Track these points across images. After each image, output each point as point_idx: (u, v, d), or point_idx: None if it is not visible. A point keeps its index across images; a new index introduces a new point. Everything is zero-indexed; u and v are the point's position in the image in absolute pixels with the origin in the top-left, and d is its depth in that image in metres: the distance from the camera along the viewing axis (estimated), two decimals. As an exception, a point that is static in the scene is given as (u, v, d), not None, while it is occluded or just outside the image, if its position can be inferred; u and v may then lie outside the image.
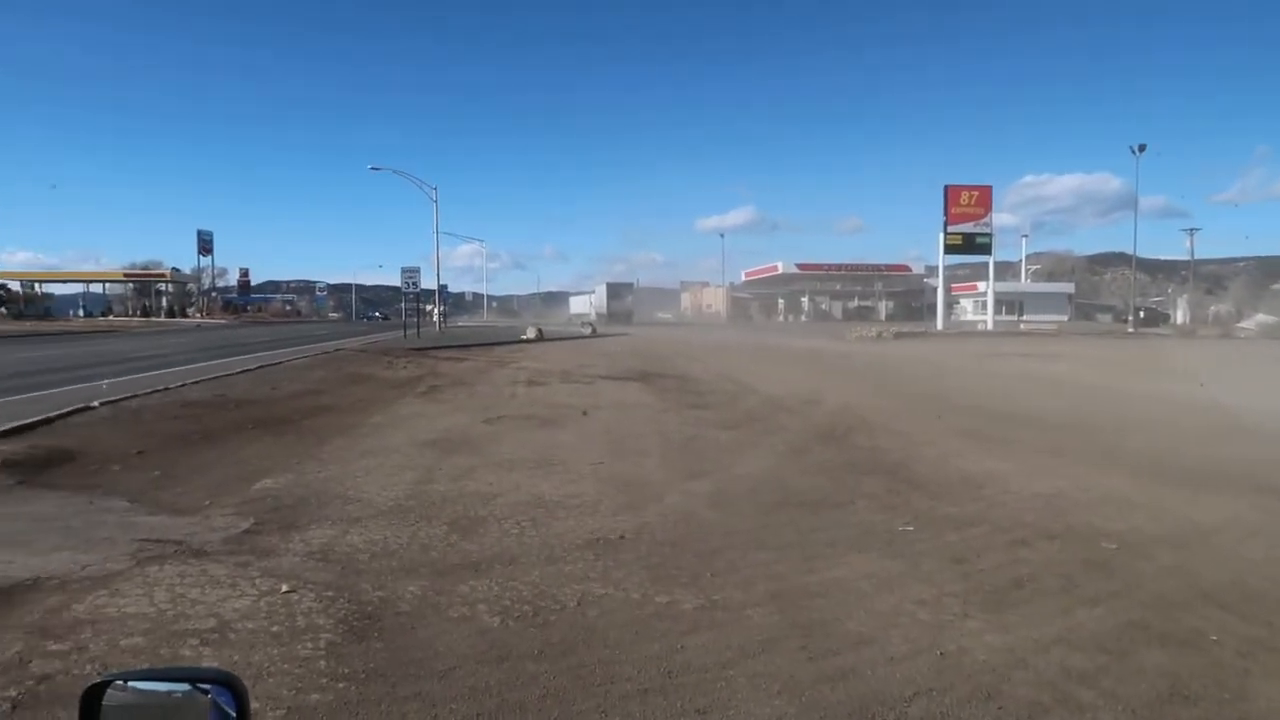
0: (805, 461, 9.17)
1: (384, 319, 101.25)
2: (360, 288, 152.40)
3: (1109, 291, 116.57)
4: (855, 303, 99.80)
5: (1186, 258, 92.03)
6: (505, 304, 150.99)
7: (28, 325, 58.02)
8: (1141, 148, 63.03)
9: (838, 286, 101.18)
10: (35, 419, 10.80)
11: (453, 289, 79.90)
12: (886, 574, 5.29)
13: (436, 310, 57.34)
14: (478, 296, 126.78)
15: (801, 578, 5.19)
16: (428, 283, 48.70)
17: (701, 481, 8.05)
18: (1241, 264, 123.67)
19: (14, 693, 3.41)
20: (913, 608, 4.69)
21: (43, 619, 4.25)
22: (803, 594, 4.90)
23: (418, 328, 41.86)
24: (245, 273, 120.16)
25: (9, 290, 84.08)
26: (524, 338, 39.79)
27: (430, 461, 8.89)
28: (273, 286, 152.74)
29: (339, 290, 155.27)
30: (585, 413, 13.03)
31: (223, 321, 79.15)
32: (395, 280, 43.15)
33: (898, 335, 48.39)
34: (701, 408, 13.95)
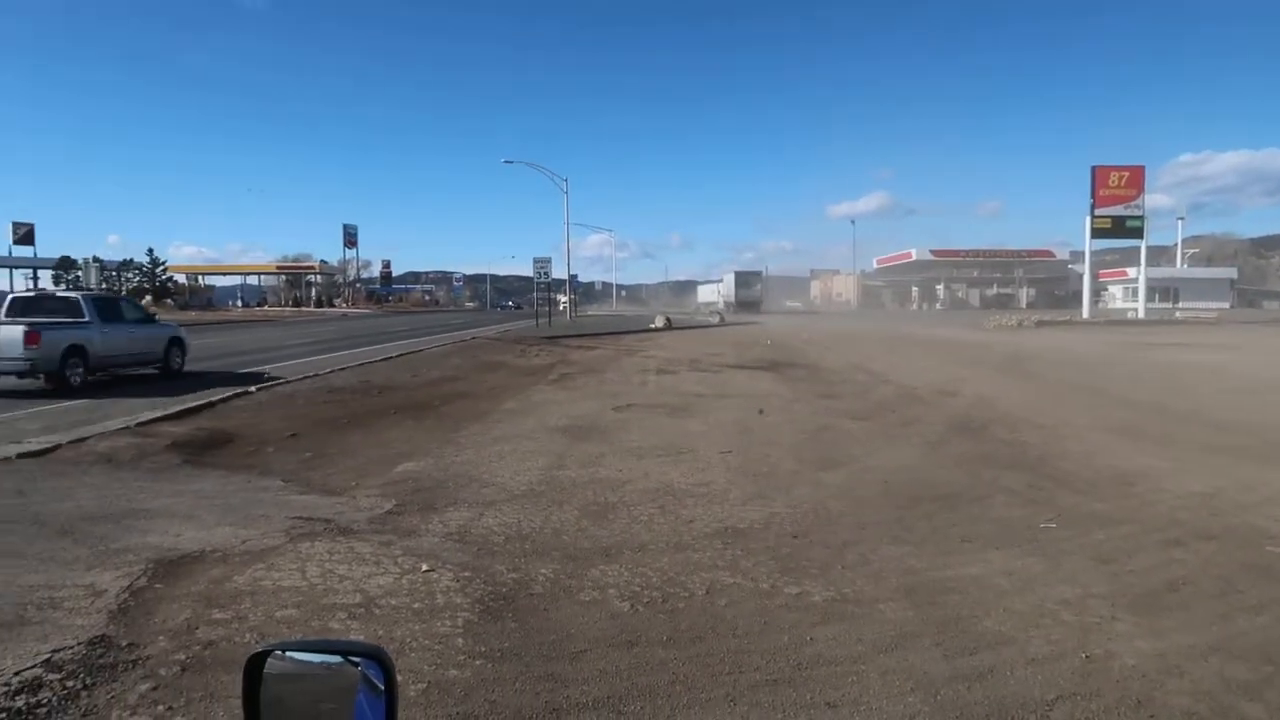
0: (940, 454, 8.90)
1: (517, 308, 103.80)
2: (494, 277, 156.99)
3: (1277, 276, 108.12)
4: (994, 290, 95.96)
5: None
6: (634, 293, 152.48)
7: (192, 315, 62.07)
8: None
9: (975, 273, 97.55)
10: (199, 402, 11.59)
11: (582, 278, 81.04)
12: (1027, 572, 5.08)
13: (567, 299, 58.31)
14: (606, 286, 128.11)
15: (936, 573, 5.05)
16: (558, 272, 49.59)
17: (832, 473, 7.93)
18: None
19: (182, 657, 3.68)
20: (1055, 608, 4.50)
21: (207, 589, 4.56)
22: (937, 589, 4.76)
23: (549, 316, 42.74)
24: (387, 264, 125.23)
25: (176, 283, 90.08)
26: (652, 326, 40.08)
27: (561, 448, 9.07)
28: (413, 277, 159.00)
29: (474, 280, 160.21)
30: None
31: (366, 311, 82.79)
32: (528, 270, 44.13)
33: (1039, 324, 46.27)
34: (832, 398, 13.73)
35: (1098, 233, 58.30)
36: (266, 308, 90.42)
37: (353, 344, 27.30)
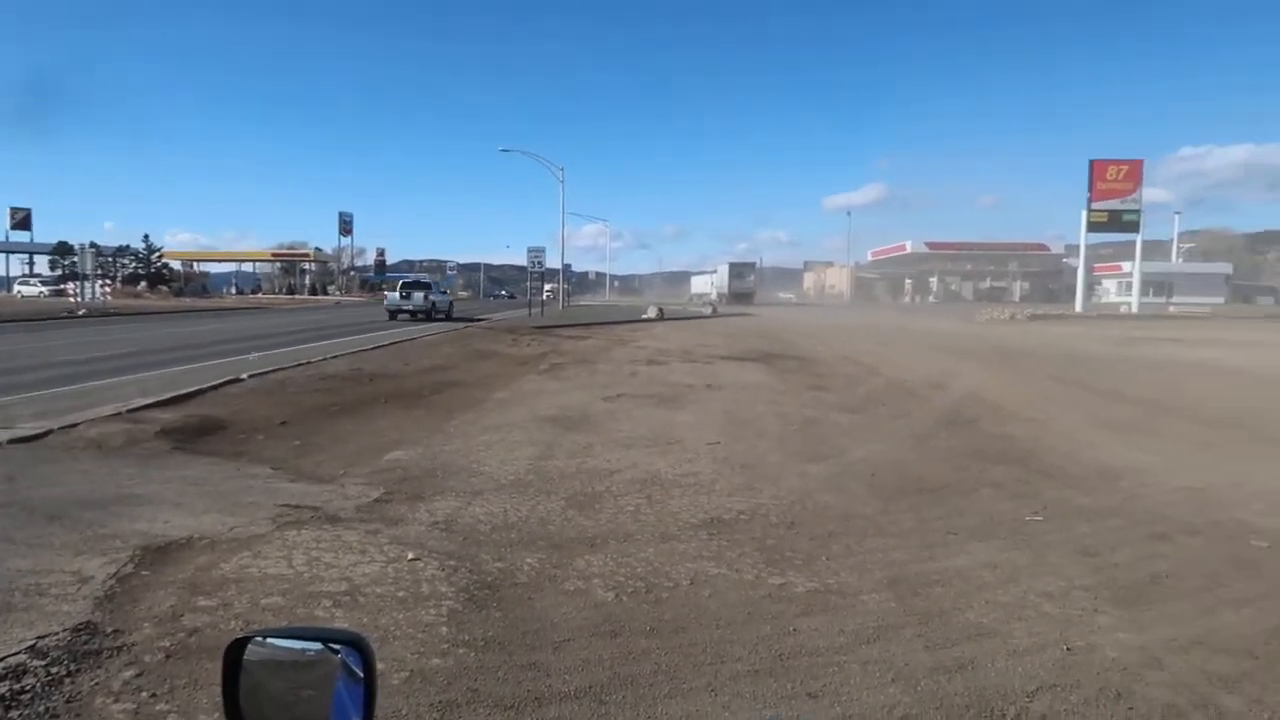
0: (928, 447, 8.93)
1: (510, 297, 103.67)
2: (488, 266, 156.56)
3: (1273, 273, 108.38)
4: (987, 283, 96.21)
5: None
6: (627, 283, 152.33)
7: (187, 302, 61.99)
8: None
9: (969, 266, 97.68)
10: (191, 389, 11.57)
11: (576, 268, 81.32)
12: (1011, 565, 5.11)
13: (560, 288, 58.19)
14: (600, 276, 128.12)
15: (920, 565, 5.07)
16: (553, 262, 49.59)
17: (820, 465, 7.95)
18: None
19: (167, 643, 3.68)
20: (1038, 600, 4.52)
21: (194, 575, 4.56)
22: (921, 582, 4.79)
23: (542, 306, 42.68)
24: (381, 252, 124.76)
25: (171, 269, 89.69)
26: (645, 317, 40.10)
27: (550, 438, 9.07)
28: (407, 265, 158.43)
29: (468, 269, 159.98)
30: (709, 386, 13.02)
31: (361, 299, 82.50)
32: (522, 259, 44.17)
33: (1032, 317, 46.42)
34: (822, 390, 13.75)
35: (1094, 226, 58.46)
36: (261, 295, 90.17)
37: (346, 332, 27.26)
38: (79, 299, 44.67)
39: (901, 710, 3.32)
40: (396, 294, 38.81)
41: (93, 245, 55.37)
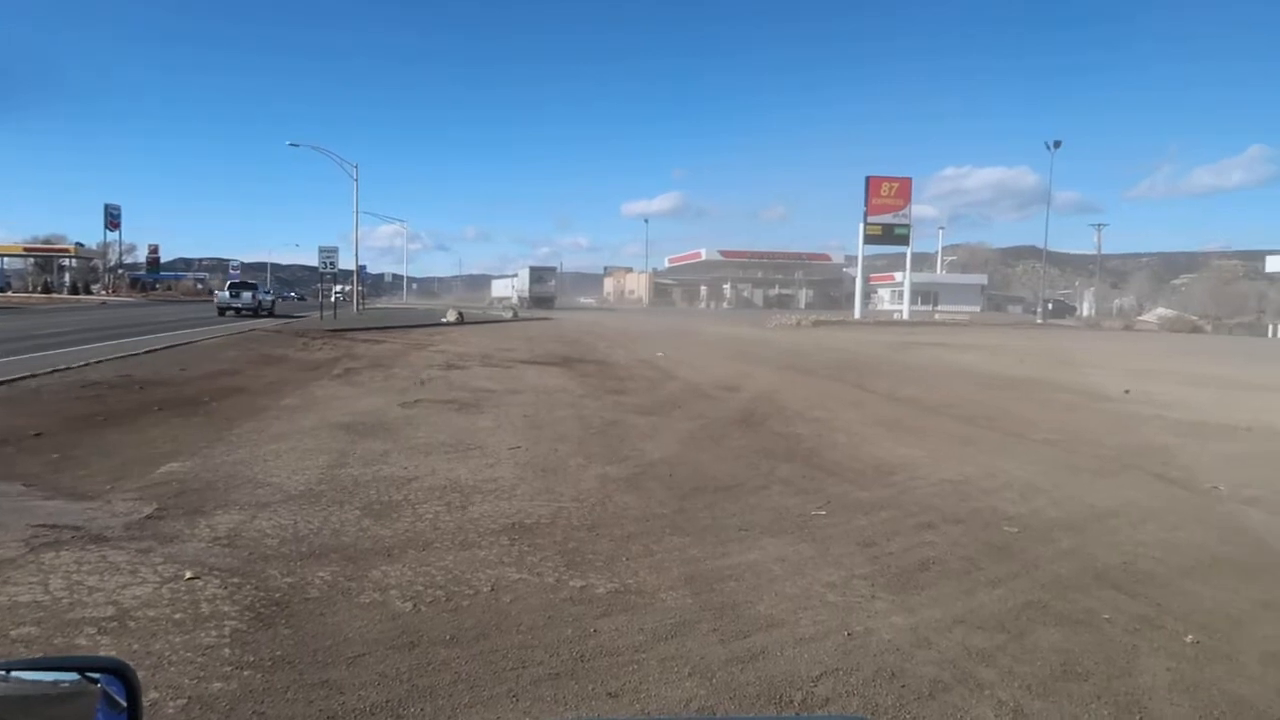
0: (723, 447, 9.27)
1: (300, 299, 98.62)
2: (276, 267, 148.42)
3: (1020, 284, 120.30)
4: (776, 290, 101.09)
5: (1094, 252, 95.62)
6: (426, 286, 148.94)
7: (-86, 300, 54.89)
8: (1056, 144, 65.32)
9: (759, 274, 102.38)
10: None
11: (372, 270, 78.57)
12: (798, 557, 5.39)
13: (354, 290, 55.87)
14: (398, 278, 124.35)
15: (715, 561, 5.26)
16: (346, 263, 47.67)
17: (619, 466, 8.08)
18: (1145, 259, 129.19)
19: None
20: (822, 590, 4.80)
21: (-74, 608, 4.05)
22: (716, 577, 4.96)
23: (334, 309, 40.90)
24: (154, 249, 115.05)
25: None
26: (444, 321, 39.27)
27: (344, 445, 8.72)
28: (183, 264, 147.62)
29: (254, 269, 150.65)
30: (510, 390, 12.93)
31: (130, 299, 75.86)
32: (313, 259, 42.09)
33: (816, 323, 49.19)
34: (621, 393, 13.98)
35: (869, 239, 62.78)
36: (10, 294, 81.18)
37: (113, 335, 24.99)
38: None
39: (698, 702, 3.44)
40: (227, 293, 44.06)
41: None
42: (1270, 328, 56.69)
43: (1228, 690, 3.65)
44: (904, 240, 64.59)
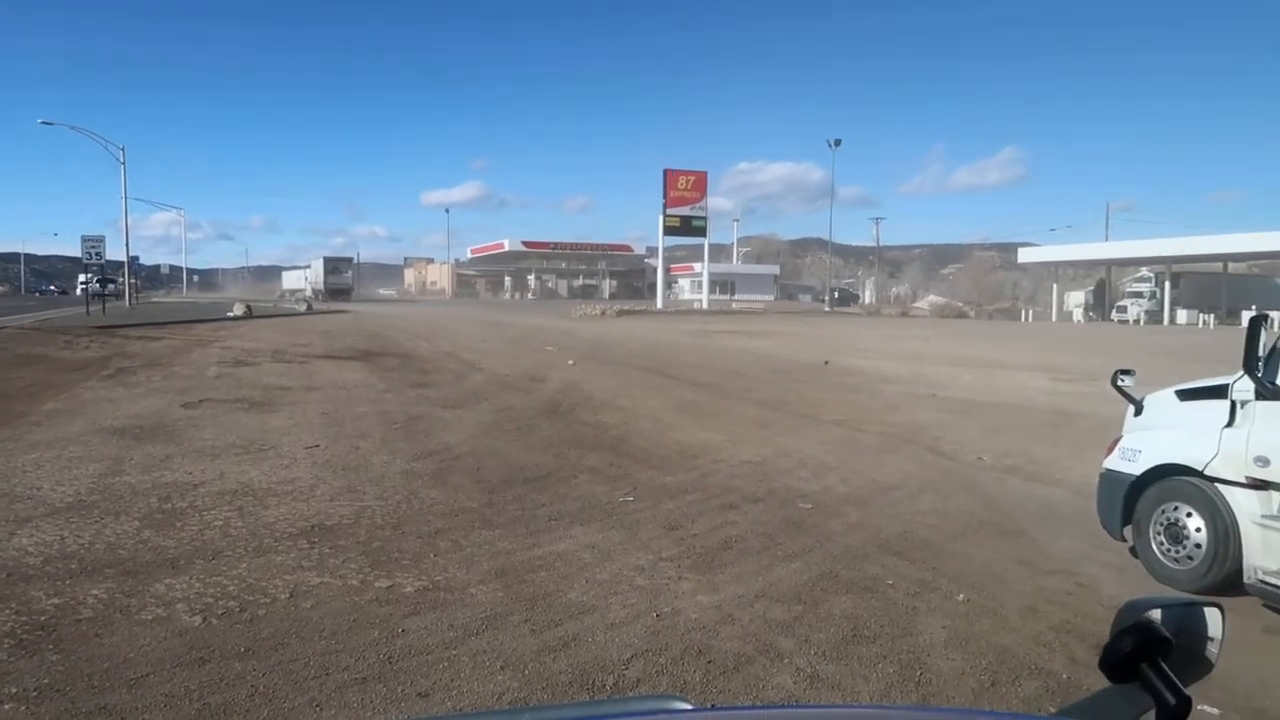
0: (530, 438, 9.25)
1: (62, 293, 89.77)
2: (31, 258, 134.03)
3: (809, 273, 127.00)
4: (580, 281, 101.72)
5: (874, 244, 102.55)
6: (208, 278, 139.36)
7: None
8: (837, 142, 69.15)
9: (564, 265, 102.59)
10: None
11: (146, 261, 72.58)
12: (607, 544, 5.47)
13: (126, 282, 51.35)
14: (176, 269, 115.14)
15: (525, 553, 5.25)
16: (115, 253, 43.85)
17: (425, 462, 7.89)
18: (918, 250, 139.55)
19: None
20: (631, 574, 4.90)
21: None
22: (526, 569, 4.96)
23: (103, 303, 37.50)
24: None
25: None
26: (230, 315, 36.90)
27: (118, 451, 8.04)
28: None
29: (6, 260, 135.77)
30: (306, 387, 12.32)
31: None
32: (75, 250, 38.46)
33: (620, 313, 49.92)
34: (425, 386, 13.67)
35: (669, 230, 64.30)
36: None
37: None
38: None
39: (511, 695, 3.42)
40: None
41: None
42: (1023, 313, 62.86)
43: (994, 642, 4.02)
44: (701, 232, 66.64)
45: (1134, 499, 5.10)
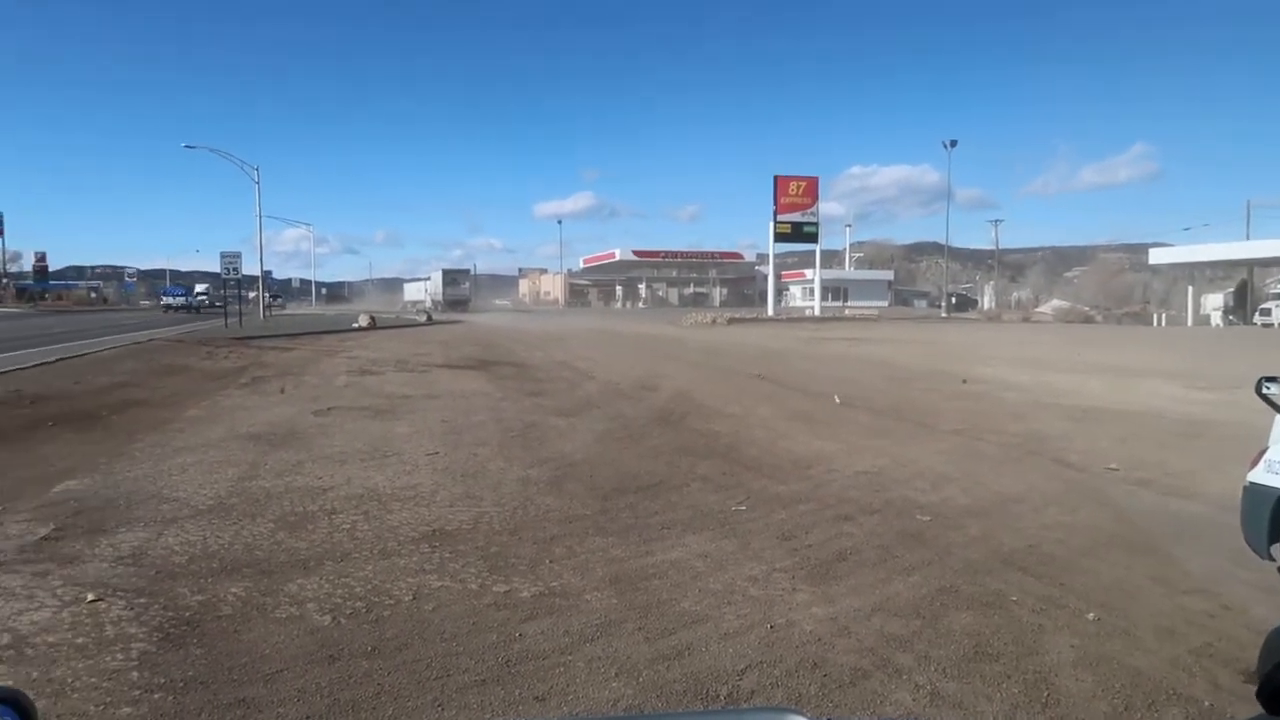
0: (643, 446, 9.31)
1: (197, 309, 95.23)
2: (175, 274, 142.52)
3: (924, 278, 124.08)
4: (690, 289, 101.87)
5: (993, 247, 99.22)
6: (336, 291, 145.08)
7: None
8: (953, 143, 67.45)
9: (674, 273, 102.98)
10: None
11: (279, 275, 76.32)
12: (720, 553, 5.45)
13: (260, 296, 54.16)
14: (305, 283, 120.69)
15: (638, 560, 5.28)
16: (250, 268, 46.25)
17: (540, 469, 8.03)
18: (1040, 253, 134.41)
19: None
20: (744, 584, 4.86)
21: None
22: (640, 576, 4.98)
23: (239, 316, 39.61)
24: (41, 257, 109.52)
25: None
26: (355, 326, 38.41)
27: (254, 456, 8.47)
28: (75, 272, 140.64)
29: (151, 276, 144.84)
30: (427, 395, 12.73)
31: (17, 310, 72.25)
32: (214, 265, 40.77)
33: (730, 321, 49.77)
34: (539, 395, 13.91)
35: (779, 237, 63.74)
36: (-119, 305, 76.37)
37: (-1, 348, 23.76)
38: None
39: (625, 701, 3.44)
40: (169, 297, 62.24)
41: None
42: (1155, 317, 59.61)
43: (1128, 664, 3.82)
44: (812, 238, 65.83)
45: None
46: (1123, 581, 4.98)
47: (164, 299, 74.16)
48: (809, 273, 77.70)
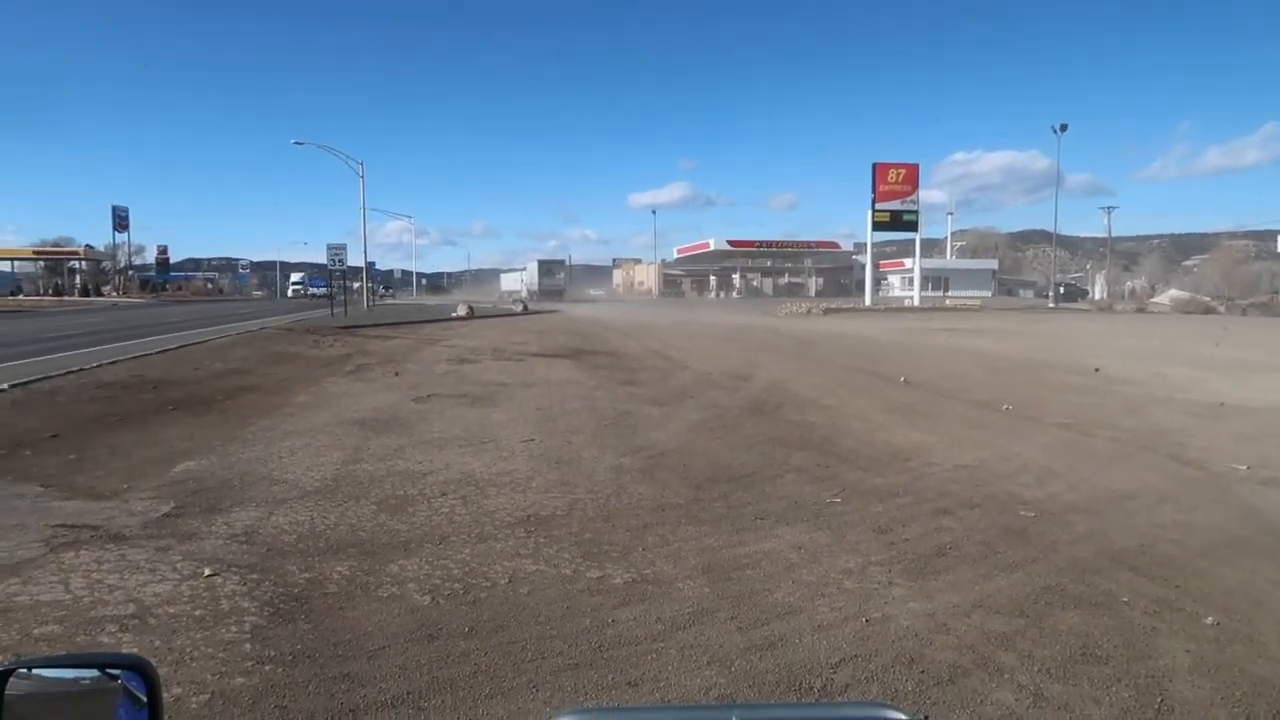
0: (736, 436, 9.26)
1: (314, 295, 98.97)
2: (285, 265, 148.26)
3: (1030, 268, 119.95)
4: (786, 279, 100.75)
5: (1105, 235, 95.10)
6: (435, 281, 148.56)
7: (-72, 305, 55.15)
8: (1063, 127, 64.92)
9: (768, 263, 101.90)
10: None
11: (381, 266, 78.82)
12: (814, 545, 5.39)
13: (364, 286, 55.85)
14: (406, 273, 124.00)
15: (731, 550, 5.26)
16: (354, 259, 47.72)
17: (633, 457, 8.08)
18: (1156, 241, 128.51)
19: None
20: (839, 577, 4.80)
21: (-51, 609, 4.08)
22: (732, 566, 4.96)
23: (345, 305, 40.91)
24: (163, 250, 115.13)
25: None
26: (454, 315, 39.25)
27: (358, 441, 8.75)
28: (193, 264, 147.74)
29: (263, 268, 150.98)
30: (522, 383, 12.94)
31: (141, 300, 76.22)
32: (321, 257, 42.20)
33: (827, 311, 49.05)
34: (633, 384, 13.98)
35: (878, 225, 62.40)
36: (22, 297, 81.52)
37: (124, 336, 25.13)
38: None
39: (718, 691, 3.44)
40: (292, 286, 65.29)
41: None
42: (1285, 307, 56.22)
43: (1249, 671, 3.63)
44: (912, 226, 64.23)
45: None
46: (1246, 586, 4.73)
47: (310, 290, 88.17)
48: (908, 262, 75.90)
